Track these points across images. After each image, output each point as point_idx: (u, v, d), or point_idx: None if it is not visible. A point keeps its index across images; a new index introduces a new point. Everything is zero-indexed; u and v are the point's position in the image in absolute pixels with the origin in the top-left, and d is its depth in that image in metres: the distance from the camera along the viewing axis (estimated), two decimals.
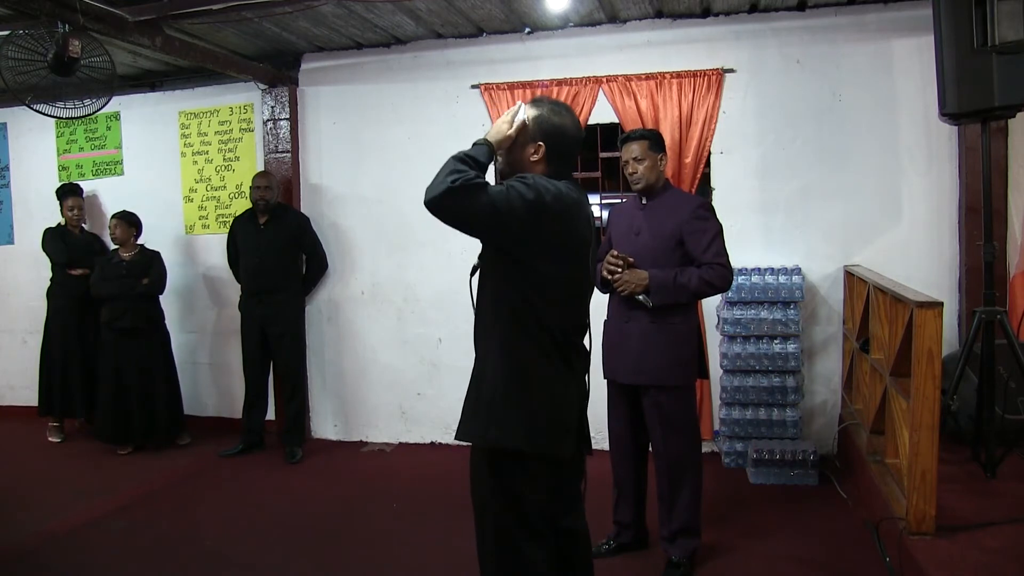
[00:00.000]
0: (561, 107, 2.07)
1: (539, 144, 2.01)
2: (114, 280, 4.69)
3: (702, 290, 2.82)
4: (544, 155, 2.02)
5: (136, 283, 4.71)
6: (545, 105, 2.05)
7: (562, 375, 2.01)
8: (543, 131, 2.01)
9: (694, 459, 2.94)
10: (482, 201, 1.81)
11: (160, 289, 4.84)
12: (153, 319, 4.83)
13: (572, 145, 2.07)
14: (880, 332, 3.40)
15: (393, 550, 3.27)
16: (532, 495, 1.99)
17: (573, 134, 2.06)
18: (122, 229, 4.78)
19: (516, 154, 2.04)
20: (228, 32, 4.31)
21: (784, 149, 4.24)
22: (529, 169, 2.02)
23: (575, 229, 2.00)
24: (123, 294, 4.68)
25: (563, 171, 2.06)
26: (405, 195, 4.74)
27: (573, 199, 1.98)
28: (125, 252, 4.81)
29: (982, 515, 2.80)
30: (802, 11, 4.15)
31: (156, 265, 4.83)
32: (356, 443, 4.94)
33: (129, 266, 4.75)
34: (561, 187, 1.94)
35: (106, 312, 4.74)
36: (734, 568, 2.98)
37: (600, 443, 3.85)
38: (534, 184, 1.88)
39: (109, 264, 4.76)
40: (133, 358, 4.70)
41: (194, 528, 3.56)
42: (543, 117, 2.02)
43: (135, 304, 4.71)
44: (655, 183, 2.94)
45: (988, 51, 2.87)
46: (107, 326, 4.73)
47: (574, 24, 4.40)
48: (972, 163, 3.86)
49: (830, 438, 4.18)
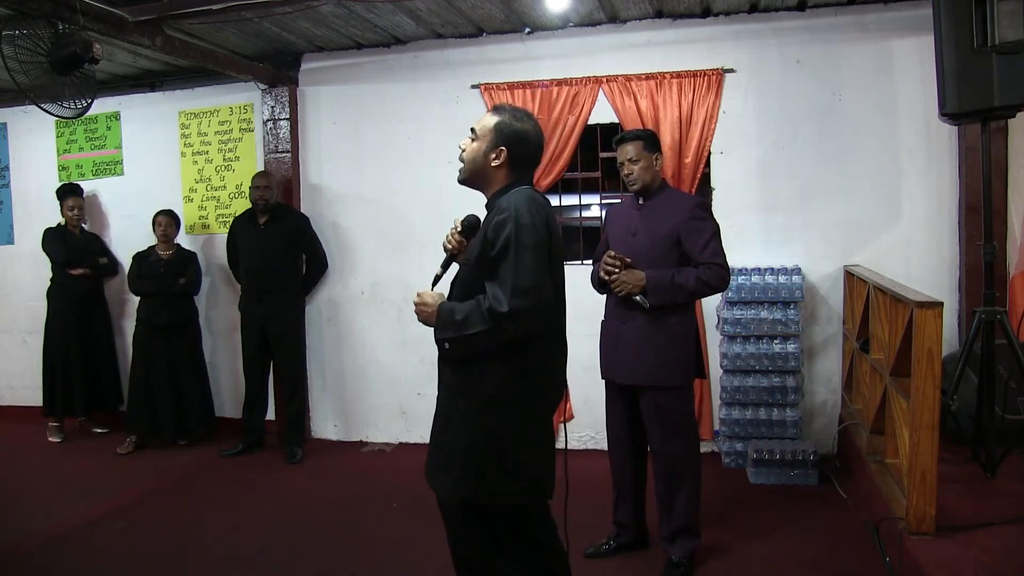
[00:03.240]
0: (522, 113, 2.09)
1: (501, 149, 2.03)
2: (152, 278, 4.77)
3: (699, 290, 2.82)
4: (506, 160, 2.04)
5: (174, 282, 4.78)
6: (506, 112, 2.07)
7: (540, 407, 2.05)
8: (504, 136, 2.03)
9: (693, 459, 2.93)
10: (535, 289, 1.85)
11: (196, 289, 4.94)
12: (188, 317, 4.92)
13: (534, 151, 2.09)
14: (880, 332, 3.40)
15: (393, 550, 3.27)
16: (499, 513, 2.06)
17: (535, 140, 2.08)
18: (172, 227, 4.89)
19: (478, 160, 2.06)
20: (228, 32, 4.31)
21: (784, 149, 4.24)
22: (490, 175, 2.05)
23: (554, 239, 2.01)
24: (160, 291, 4.74)
25: (524, 176, 2.08)
26: (405, 195, 4.74)
27: (545, 207, 2.02)
28: (163, 250, 4.87)
29: (982, 515, 2.80)
30: (802, 11, 4.15)
31: (193, 265, 4.92)
32: (356, 443, 4.94)
33: (167, 265, 4.82)
34: (534, 203, 1.95)
35: (143, 309, 4.83)
36: (734, 568, 2.98)
37: (599, 443, 3.88)
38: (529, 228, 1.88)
39: (147, 262, 4.83)
40: (164, 355, 4.78)
41: (194, 528, 3.56)
42: (504, 123, 2.04)
43: (171, 302, 4.78)
44: (651, 183, 2.94)
45: (988, 51, 2.87)
46: (143, 323, 4.81)
47: (574, 24, 4.40)
48: (972, 163, 3.86)
49: (830, 438, 4.18)
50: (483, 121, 2.07)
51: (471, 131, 2.09)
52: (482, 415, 1.97)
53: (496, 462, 1.96)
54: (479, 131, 2.06)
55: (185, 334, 4.88)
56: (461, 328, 1.90)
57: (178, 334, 4.83)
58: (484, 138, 2.05)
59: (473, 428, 1.97)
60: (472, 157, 2.06)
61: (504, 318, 1.83)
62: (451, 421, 2.02)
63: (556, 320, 2.07)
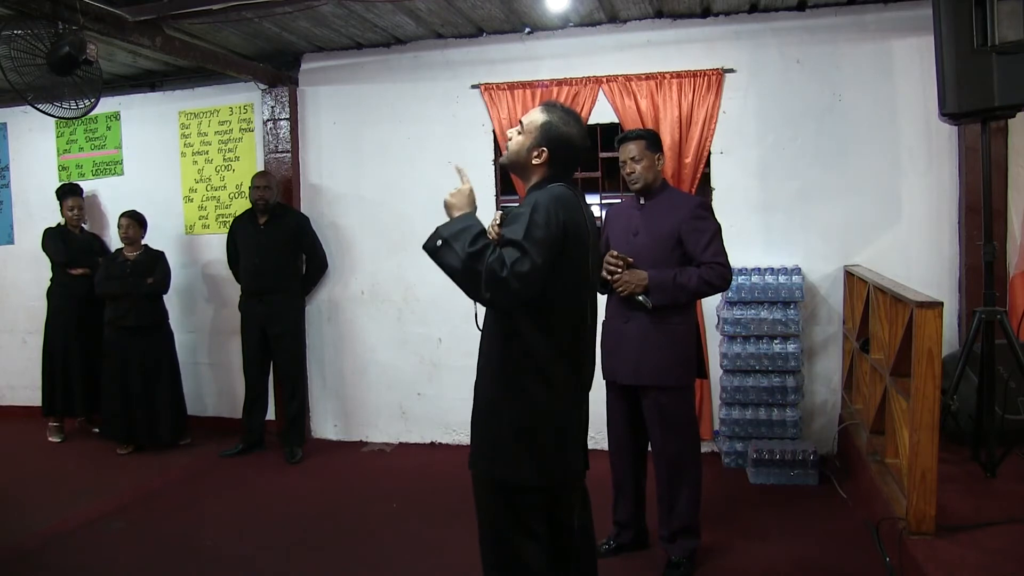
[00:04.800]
0: (572, 116, 2.09)
1: (543, 149, 2.05)
2: (119, 279, 4.70)
3: (701, 290, 2.82)
4: (547, 160, 2.05)
5: (141, 282, 4.71)
6: (556, 112, 2.08)
7: (568, 394, 2.06)
8: (549, 137, 2.04)
9: (693, 459, 2.94)
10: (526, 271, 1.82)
11: (164, 288, 4.85)
12: (157, 318, 4.84)
13: (576, 155, 2.11)
14: (880, 332, 3.40)
15: (393, 550, 3.27)
16: (530, 498, 2.05)
17: (579, 144, 2.09)
18: (134, 228, 4.81)
19: (521, 154, 2.08)
20: (228, 32, 4.31)
21: (784, 149, 4.24)
22: (530, 170, 2.08)
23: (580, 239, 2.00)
24: (128, 293, 4.69)
25: (563, 177, 2.09)
26: (405, 195, 4.74)
27: (575, 205, 2.01)
28: (129, 251, 4.82)
29: (982, 515, 2.80)
30: (802, 11, 4.15)
31: (161, 264, 4.84)
32: (356, 443, 4.94)
33: (134, 265, 4.76)
34: (559, 202, 1.95)
35: (110, 311, 4.74)
36: (734, 568, 2.98)
37: (600, 443, 3.87)
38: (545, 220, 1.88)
39: (113, 263, 4.77)
40: (137, 357, 4.71)
41: (194, 528, 3.56)
42: (551, 124, 2.05)
43: (139, 303, 4.72)
44: (653, 183, 2.94)
45: (988, 51, 2.87)
46: (111, 325, 4.73)
47: (574, 24, 4.40)
48: (972, 163, 3.86)
49: (830, 438, 4.18)
50: (531, 116, 2.08)
51: (519, 123, 2.10)
52: (516, 399, 2.00)
53: (529, 448, 2.00)
54: (526, 126, 2.08)
55: (156, 336, 4.81)
56: (456, 239, 1.88)
57: (149, 336, 4.76)
58: (530, 134, 2.06)
59: (508, 412, 2.01)
60: (516, 150, 2.08)
61: (493, 280, 1.82)
62: (487, 405, 2.07)
63: (582, 313, 2.07)
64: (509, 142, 2.11)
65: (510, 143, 2.11)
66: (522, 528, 2.04)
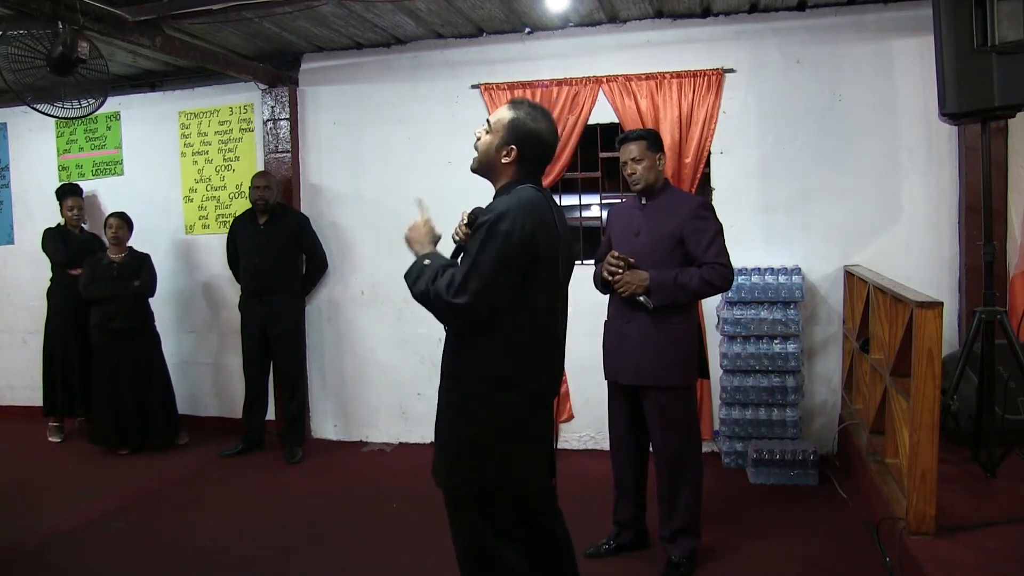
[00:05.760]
0: (539, 111, 2.06)
1: (511, 147, 2.01)
2: (105, 281, 4.67)
3: (703, 290, 2.82)
4: (516, 158, 2.02)
5: (128, 284, 4.69)
6: (523, 108, 2.04)
7: (531, 400, 2.04)
8: (518, 135, 2.01)
9: (694, 459, 2.93)
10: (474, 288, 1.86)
11: (151, 291, 4.83)
12: (144, 320, 4.82)
13: (546, 151, 2.08)
14: (880, 332, 3.40)
15: (393, 550, 3.27)
16: (501, 501, 2.05)
17: (548, 140, 2.06)
18: (123, 230, 4.78)
19: (489, 154, 2.05)
20: (228, 32, 4.31)
21: (784, 149, 4.24)
22: (499, 170, 2.05)
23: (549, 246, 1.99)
24: (115, 295, 4.67)
25: (533, 174, 2.07)
26: (405, 195, 4.72)
27: (544, 207, 1.99)
28: (115, 253, 4.79)
29: (982, 515, 2.80)
30: (802, 11, 4.15)
31: (147, 266, 4.82)
32: (356, 443, 4.94)
33: (120, 267, 4.73)
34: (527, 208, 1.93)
35: (97, 314, 4.72)
36: (734, 568, 2.98)
37: (600, 443, 3.88)
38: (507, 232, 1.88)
39: (99, 265, 4.73)
40: (127, 360, 4.70)
41: (194, 528, 3.56)
42: (519, 120, 2.02)
43: (126, 305, 4.70)
44: (654, 183, 2.94)
45: (988, 51, 2.87)
46: (99, 328, 4.71)
47: (574, 24, 4.40)
48: (972, 163, 3.86)
49: (830, 438, 4.18)
50: (499, 114, 2.05)
51: (486, 122, 2.08)
52: (477, 406, 1.97)
53: (490, 452, 1.98)
54: (493, 124, 2.05)
55: (144, 338, 4.79)
56: (415, 275, 2.03)
57: (137, 338, 4.74)
58: (497, 133, 2.03)
59: (468, 418, 1.98)
60: (484, 150, 2.06)
61: (442, 303, 1.91)
62: (447, 412, 2.04)
63: (551, 318, 2.06)
64: (477, 142, 2.08)
65: (478, 143, 2.07)
66: (495, 533, 2.03)
